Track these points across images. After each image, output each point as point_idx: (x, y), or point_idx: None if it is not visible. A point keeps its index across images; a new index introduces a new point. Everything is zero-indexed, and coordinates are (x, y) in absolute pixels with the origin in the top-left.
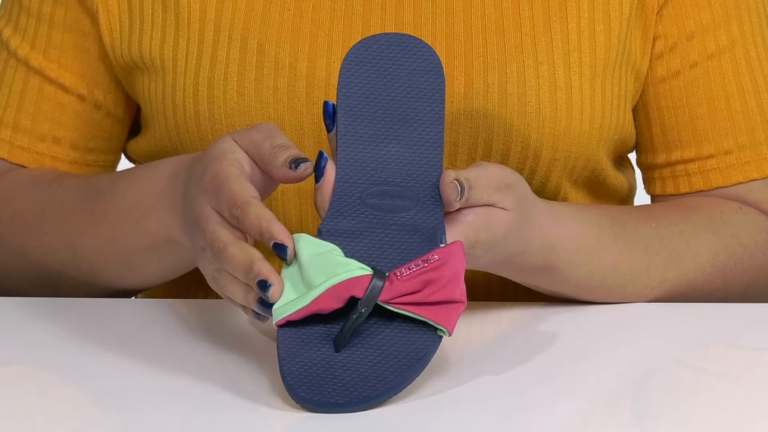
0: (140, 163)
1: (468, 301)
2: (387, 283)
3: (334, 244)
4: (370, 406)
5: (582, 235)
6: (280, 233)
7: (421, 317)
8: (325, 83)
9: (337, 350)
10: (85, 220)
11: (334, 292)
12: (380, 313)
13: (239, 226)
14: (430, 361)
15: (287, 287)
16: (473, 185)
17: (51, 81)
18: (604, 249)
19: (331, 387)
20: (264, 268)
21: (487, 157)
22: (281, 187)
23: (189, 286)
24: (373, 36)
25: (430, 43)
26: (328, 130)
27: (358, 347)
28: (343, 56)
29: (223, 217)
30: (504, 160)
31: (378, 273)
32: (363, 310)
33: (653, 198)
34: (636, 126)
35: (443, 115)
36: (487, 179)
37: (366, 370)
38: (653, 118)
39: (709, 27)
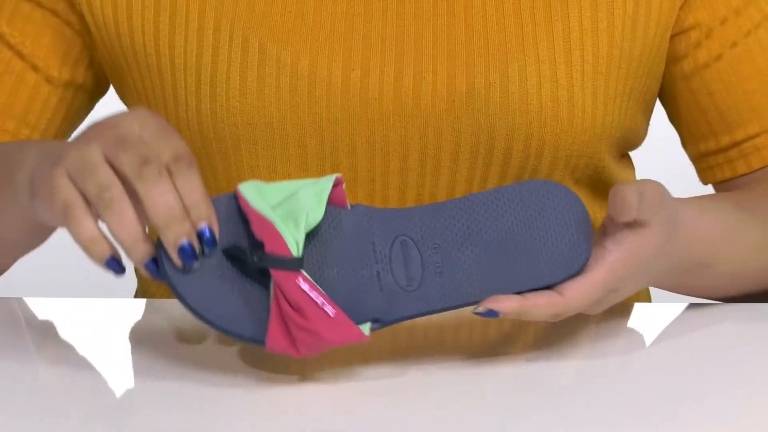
0: None
1: None
2: (295, 272)
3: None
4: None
5: (723, 222)
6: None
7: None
8: (327, 82)
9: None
10: None
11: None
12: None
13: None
14: None
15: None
16: (645, 199)
17: (10, 47)
18: (746, 230)
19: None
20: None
21: (489, 157)
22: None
23: None
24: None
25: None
26: None
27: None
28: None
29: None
30: (506, 159)
31: (296, 263)
32: (255, 258)
33: (721, 184)
34: (686, 118)
35: None
36: (652, 192)
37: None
38: (706, 104)
39: (740, 9)
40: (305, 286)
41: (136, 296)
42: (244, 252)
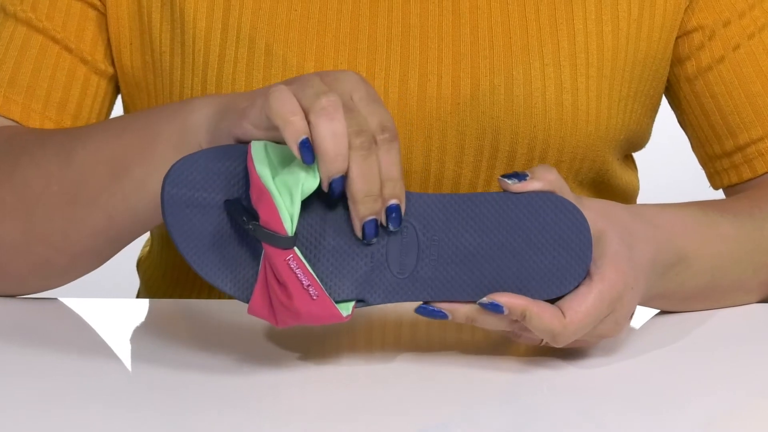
0: None
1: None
2: (286, 251)
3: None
4: None
5: (689, 217)
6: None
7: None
8: None
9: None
10: (89, 129)
11: None
12: None
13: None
14: None
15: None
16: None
17: (56, 41)
18: (718, 226)
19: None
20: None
21: (493, 159)
22: None
23: (192, 286)
24: None
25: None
26: None
27: None
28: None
29: None
30: (510, 162)
31: (288, 242)
32: (250, 227)
33: (729, 189)
34: (692, 121)
35: None
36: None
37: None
38: (709, 107)
39: (744, 11)
40: (293, 264)
41: (138, 296)
42: (241, 215)
